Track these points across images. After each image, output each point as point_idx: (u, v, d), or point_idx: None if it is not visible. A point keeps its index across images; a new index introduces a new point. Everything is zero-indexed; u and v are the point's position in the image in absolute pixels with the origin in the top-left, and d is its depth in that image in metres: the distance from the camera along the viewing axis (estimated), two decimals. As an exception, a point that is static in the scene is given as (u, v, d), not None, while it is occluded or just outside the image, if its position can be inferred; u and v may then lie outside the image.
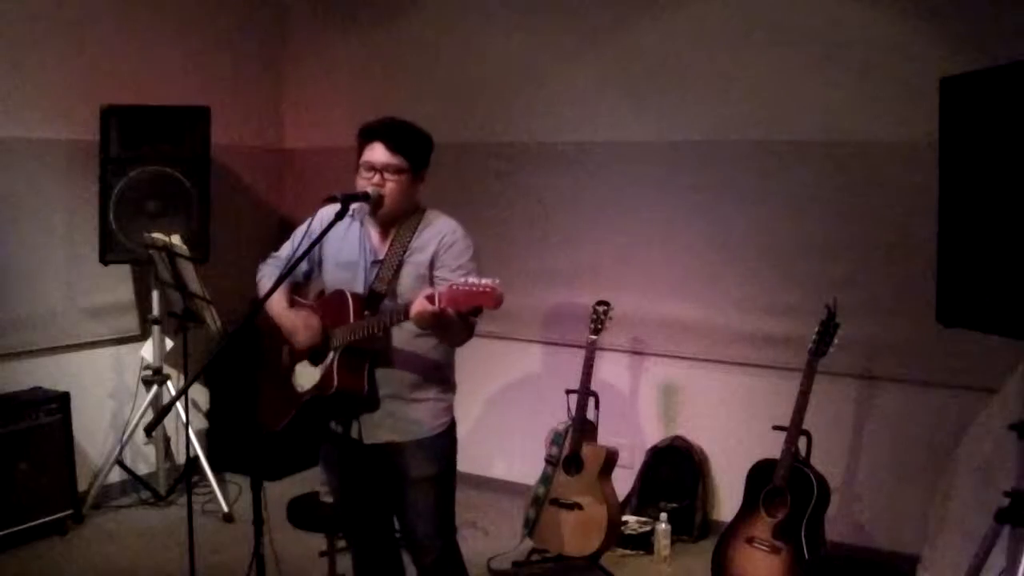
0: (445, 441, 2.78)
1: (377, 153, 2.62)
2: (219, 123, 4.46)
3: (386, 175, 2.62)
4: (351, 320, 2.61)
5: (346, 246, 2.76)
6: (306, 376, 2.72)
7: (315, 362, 2.71)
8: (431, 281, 2.64)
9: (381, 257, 2.70)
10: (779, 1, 4.04)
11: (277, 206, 5.45)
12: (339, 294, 2.70)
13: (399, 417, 2.69)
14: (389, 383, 2.67)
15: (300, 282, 2.90)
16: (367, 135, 2.66)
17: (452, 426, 2.82)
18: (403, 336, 2.64)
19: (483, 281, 2.28)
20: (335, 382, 2.60)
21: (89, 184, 4.29)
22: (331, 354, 2.65)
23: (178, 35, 4.74)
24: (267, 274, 2.93)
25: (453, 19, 4.84)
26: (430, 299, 2.33)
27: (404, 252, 2.67)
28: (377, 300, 2.64)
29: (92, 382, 4.51)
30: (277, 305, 2.78)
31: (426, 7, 4.93)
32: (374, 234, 2.74)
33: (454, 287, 2.30)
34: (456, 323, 2.41)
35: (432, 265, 2.66)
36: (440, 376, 2.76)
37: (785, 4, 4.02)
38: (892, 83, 3.78)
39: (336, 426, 2.77)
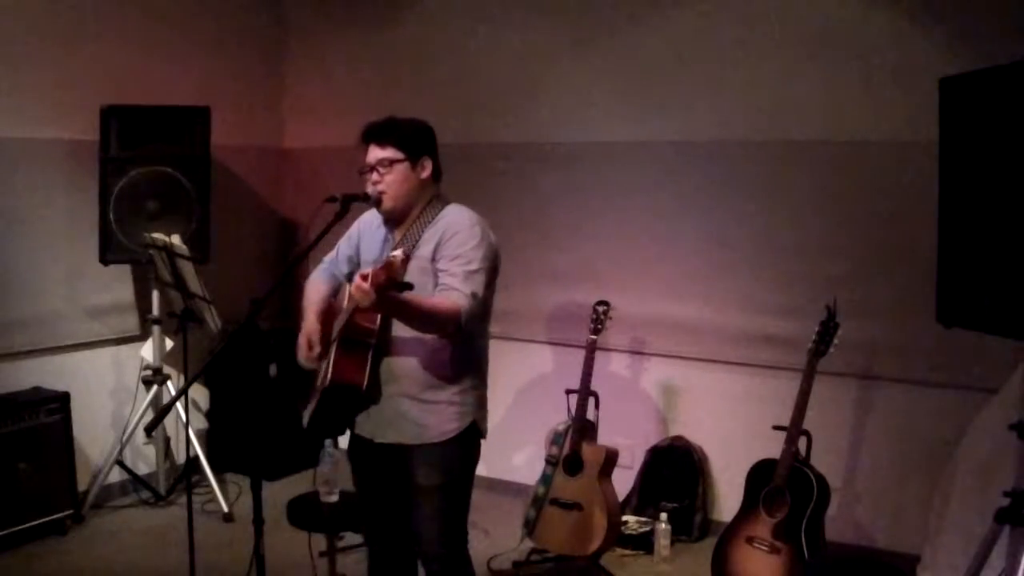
0: (457, 448, 2.69)
1: (370, 153, 2.67)
2: (219, 123, 4.46)
3: (381, 170, 2.64)
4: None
5: (373, 246, 2.78)
6: (322, 371, 2.74)
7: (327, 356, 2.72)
8: (435, 274, 2.60)
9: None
10: (779, 1, 4.04)
11: (277, 206, 5.45)
12: (345, 290, 2.73)
13: (407, 418, 2.65)
14: (397, 380, 2.63)
15: (344, 284, 2.91)
16: (362, 140, 2.70)
17: (468, 432, 2.71)
18: (413, 331, 2.58)
19: (388, 254, 2.27)
20: (330, 373, 2.59)
21: (89, 184, 4.29)
22: (332, 347, 2.65)
23: (178, 35, 4.74)
24: (313, 279, 2.95)
25: (453, 19, 4.84)
26: (363, 277, 2.26)
27: (414, 247, 2.65)
28: None
29: (92, 382, 4.51)
30: (309, 312, 2.81)
31: (426, 7, 4.93)
32: (393, 231, 2.75)
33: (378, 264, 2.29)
34: (397, 303, 2.36)
35: (435, 258, 2.62)
36: (456, 376, 2.67)
37: (785, 4, 4.02)
38: (892, 83, 3.78)
39: (352, 423, 2.76)
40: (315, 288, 2.88)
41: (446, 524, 2.73)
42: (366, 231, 2.84)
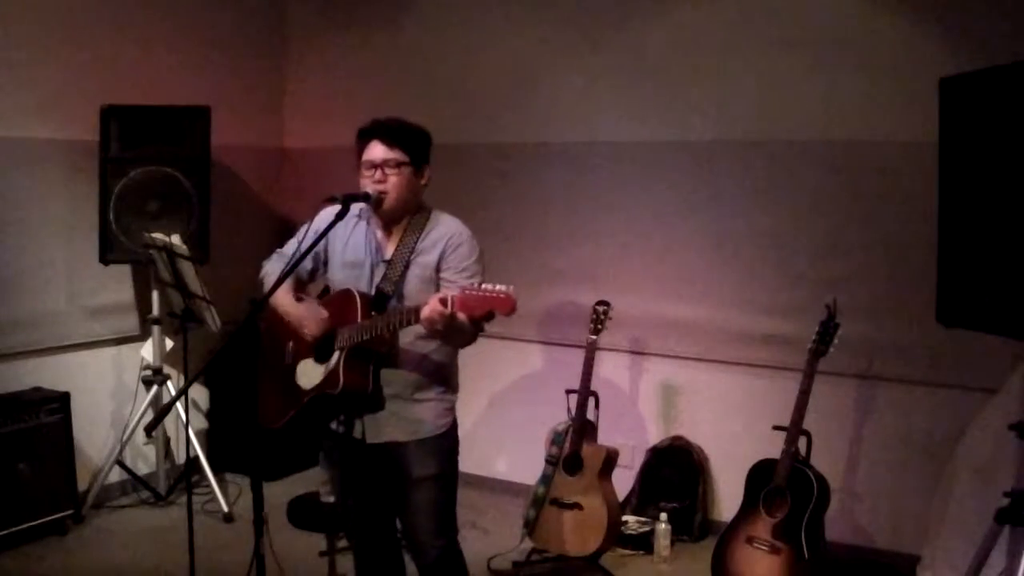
0: (447, 441, 2.79)
1: (376, 150, 2.66)
2: (219, 123, 4.46)
3: (387, 170, 2.64)
4: (358, 320, 2.61)
5: (352, 246, 2.77)
6: (310, 374, 2.72)
7: (320, 360, 2.71)
8: (436, 283, 2.66)
9: (388, 257, 2.71)
10: (779, 1, 4.04)
11: (277, 206, 5.45)
12: (346, 293, 2.70)
13: (402, 416, 2.70)
14: (393, 383, 2.68)
15: (304, 280, 2.92)
16: (364, 135, 2.70)
17: (454, 426, 2.83)
18: (407, 337, 2.65)
19: (498, 287, 2.29)
20: (341, 381, 2.59)
21: (89, 184, 4.29)
22: (337, 353, 2.64)
23: (178, 35, 4.74)
24: (271, 270, 2.95)
25: (453, 19, 4.84)
26: (443, 302, 2.32)
27: (411, 253, 2.68)
28: (384, 300, 2.65)
29: (92, 382, 4.51)
30: (284, 298, 2.80)
31: (426, 7, 4.93)
32: (380, 234, 2.75)
33: (467, 292, 2.31)
34: (465, 328, 2.41)
35: (439, 267, 2.67)
36: (443, 377, 2.77)
37: (786, 4, 4.03)
38: (892, 83, 3.79)
39: (338, 426, 2.77)
40: (284, 290, 2.80)
41: (440, 515, 2.80)
42: (336, 230, 2.76)
